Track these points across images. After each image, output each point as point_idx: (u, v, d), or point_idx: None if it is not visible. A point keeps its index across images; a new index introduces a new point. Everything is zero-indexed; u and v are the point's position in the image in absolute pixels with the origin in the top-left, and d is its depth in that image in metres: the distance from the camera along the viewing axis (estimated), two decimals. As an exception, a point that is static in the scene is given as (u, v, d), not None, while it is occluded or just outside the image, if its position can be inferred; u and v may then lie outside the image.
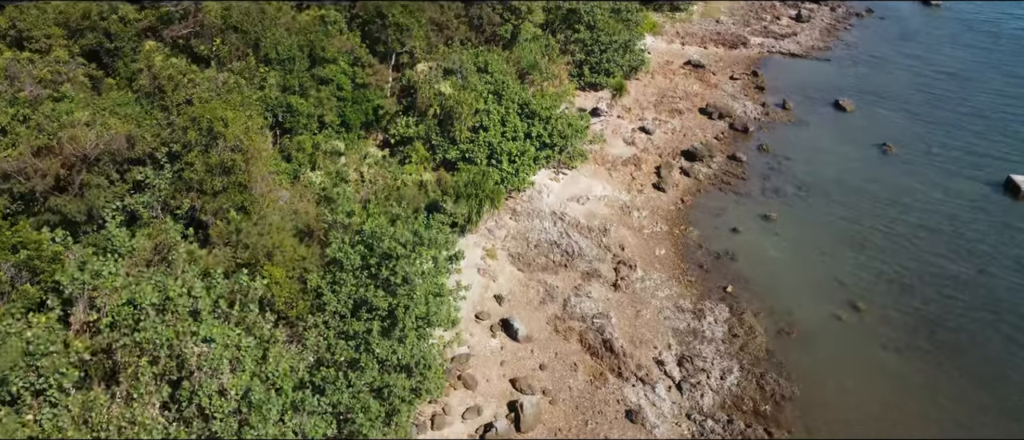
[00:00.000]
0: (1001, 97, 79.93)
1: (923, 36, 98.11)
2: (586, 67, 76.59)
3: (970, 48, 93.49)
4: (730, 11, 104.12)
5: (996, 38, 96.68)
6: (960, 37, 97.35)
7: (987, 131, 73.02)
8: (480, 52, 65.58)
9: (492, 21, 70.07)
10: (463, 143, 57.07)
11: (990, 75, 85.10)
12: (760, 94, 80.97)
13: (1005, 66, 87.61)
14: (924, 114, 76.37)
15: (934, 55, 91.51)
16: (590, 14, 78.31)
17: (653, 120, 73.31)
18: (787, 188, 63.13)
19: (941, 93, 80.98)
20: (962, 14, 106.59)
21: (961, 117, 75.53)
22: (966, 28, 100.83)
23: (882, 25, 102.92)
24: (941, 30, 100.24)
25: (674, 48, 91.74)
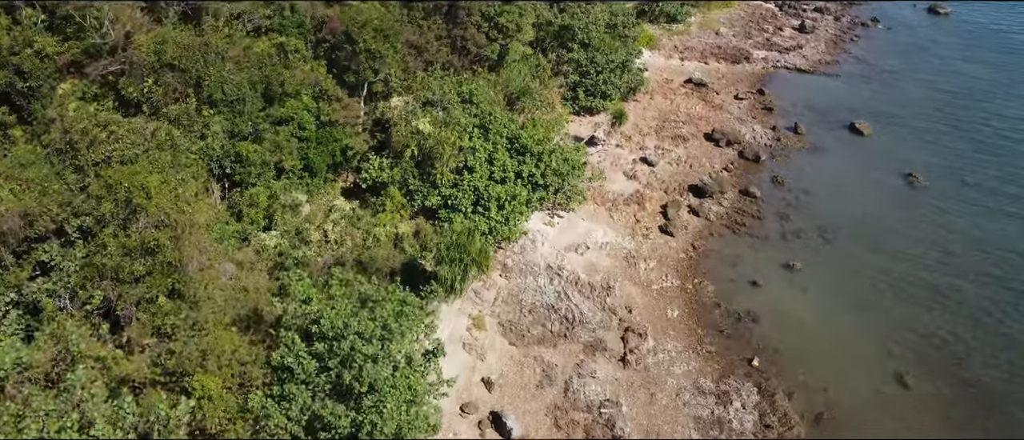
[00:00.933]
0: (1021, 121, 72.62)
1: (934, 48, 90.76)
2: (581, 90, 68.65)
3: (984, 63, 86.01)
4: (729, 22, 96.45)
5: (1010, 51, 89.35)
6: (973, 49, 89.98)
7: (1017, 159, 65.65)
8: (464, 80, 57.48)
9: (477, 42, 61.99)
10: (445, 188, 49.05)
11: (1011, 94, 77.75)
12: (769, 116, 73.31)
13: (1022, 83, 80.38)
14: (947, 139, 68.87)
15: (949, 70, 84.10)
16: (585, 31, 70.37)
17: (655, 149, 65.48)
18: (809, 230, 55.46)
19: (962, 115, 73.47)
20: (971, 23, 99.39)
21: (987, 143, 68.00)
22: (977, 39, 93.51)
23: (890, 36, 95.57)
24: (952, 41, 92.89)
25: (673, 64, 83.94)
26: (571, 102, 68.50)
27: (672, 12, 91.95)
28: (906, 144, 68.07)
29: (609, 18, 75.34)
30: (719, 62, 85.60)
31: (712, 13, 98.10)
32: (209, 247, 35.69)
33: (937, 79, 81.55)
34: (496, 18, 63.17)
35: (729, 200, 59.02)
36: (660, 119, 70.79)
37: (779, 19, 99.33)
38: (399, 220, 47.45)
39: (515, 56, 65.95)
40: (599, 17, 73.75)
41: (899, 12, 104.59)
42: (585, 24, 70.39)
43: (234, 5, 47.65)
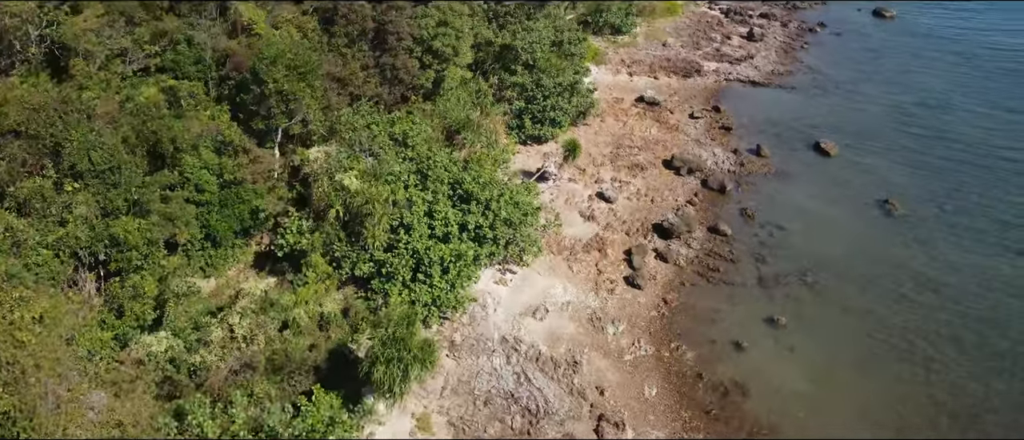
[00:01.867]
0: (989, 132, 67.37)
1: (886, 55, 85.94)
2: (527, 117, 61.07)
3: (937, 72, 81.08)
4: (676, 31, 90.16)
5: (962, 56, 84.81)
6: (925, 56, 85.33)
7: (990, 178, 60.41)
8: (397, 119, 49.31)
9: (409, 70, 53.87)
10: (378, 252, 40.97)
11: (971, 105, 72.65)
12: (728, 136, 67.03)
13: (981, 92, 75.32)
14: (916, 158, 63.36)
15: (904, 79, 79.11)
16: (529, 51, 62.79)
17: (612, 181, 58.35)
18: (789, 274, 49.01)
19: (926, 129, 68.19)
20: (918, 26, 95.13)
21: (957, 163, 62.44)
22: (926, 45, 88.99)
23: (840, 42, 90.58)
24: (902, 47, 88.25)
25: (621, 80, 77.07)
26: (517, 131, 60.91)
27: (617, 23, 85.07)
28: (874, 165, 62.38)
29: (554, 35, 68.02)
30: (670, 76, 79.11)
31: (657, 22, 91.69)
32: (71, 371, 27.00)
33: (894, 90, 76.42)
34: (430, 42, 55.20)
35: (698, 241, 52.26)
36: (614, 145, 63.72)
37: (726, 27, 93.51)
38: (324, 294, 39.15)
39: (453, 83, 58.03)
40: (543, 34, 66.34)
41: (845, 16, 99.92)
42: (529, 43, 62.82)
43: (112, 42, 38.56)
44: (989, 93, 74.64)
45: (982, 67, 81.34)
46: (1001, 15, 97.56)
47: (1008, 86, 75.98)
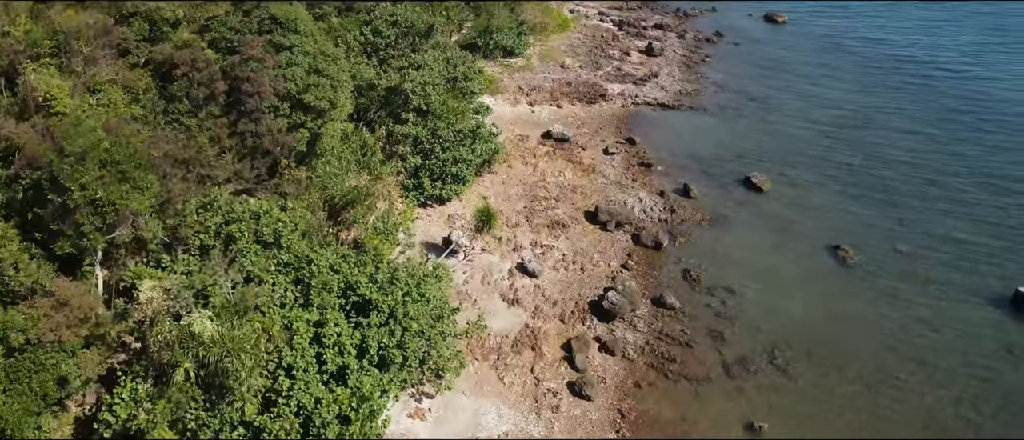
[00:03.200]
0: (913, 154, 61.69)
1: (789, 66, 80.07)
2: (425, 175, 50.06)
3: (845, 81, 75.72)
4: (571, 49, 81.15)
5: (862, 65, 79.99)
6: (827, 65, 80.00)
7: (928, 208, 54.34)
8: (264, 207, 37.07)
9: (276, 136, 41.76)
10: (251, 415, 29.25)
11: (889, 121, 67.04)
12: (649, 175, 58.37)
13: (896, 108, 70.04)
14: (851, 188, 56.57)
15: (815, 93, 73.12)
16: (420, 93, 51.69)
17: (533, 247, 48.35)
18: (755, 357, 40.34)
19: (851, 151, 61.64)
20: (812, 32, 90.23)
21: (892, 191, 56.01)
22: (825, 52, 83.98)
23: (739, 53, 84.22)
24: (803, 56, 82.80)
25: (523, 112, 67.18)
26: (414, 192, 49.80)
27: (509, 44, 75.08)
28: (811, 200, 55.20)
29: (446, 69, 57.25)
30: (573, 103, 69.89)
31: (551, 40, 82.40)
32: None
33: (808, 106, 70.16)
34: (301, 96, 43.30)
35: (644, 320, 43.00)
36: (527, 197, 53.72)
37: (623, 41, 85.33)
38: (176, 487, 27.11)
39: (332, 141, 46.24)
40: (435, 69, 55.51)
41: (737, 23, 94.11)
42: (420, 85, 51.72)
43: None
44: (904, 108, 69.62)
45: (885, 77, 76.68)
46: (887, 18, 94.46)
47: (918, 100, 71.25)
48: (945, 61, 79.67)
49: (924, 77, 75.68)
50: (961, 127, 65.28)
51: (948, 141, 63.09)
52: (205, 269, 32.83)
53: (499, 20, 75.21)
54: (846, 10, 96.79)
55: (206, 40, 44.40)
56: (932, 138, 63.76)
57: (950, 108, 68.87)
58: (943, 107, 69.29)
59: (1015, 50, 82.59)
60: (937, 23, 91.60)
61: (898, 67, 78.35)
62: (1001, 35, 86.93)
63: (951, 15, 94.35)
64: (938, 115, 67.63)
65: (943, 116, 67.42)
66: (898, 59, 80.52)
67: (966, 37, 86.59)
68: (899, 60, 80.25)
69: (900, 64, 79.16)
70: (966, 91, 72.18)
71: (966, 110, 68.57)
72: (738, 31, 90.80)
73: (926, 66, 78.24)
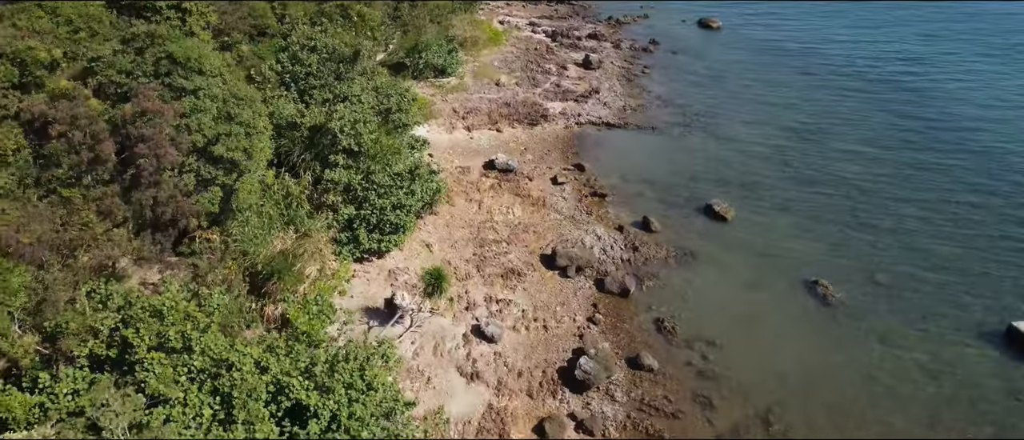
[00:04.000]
0: (875, 175, 57.98)
1: (731, 76, 76.40)
2: (361, 227, 43.47)
3: (791, 92, 72.07)
4: (506, 65, 75.44)
5: (804, 73, 76.65)
6: (770, 76, 76.40)
7: (899, 232, 50.97)
8: (167, 301, 29.77)
9: (182, 204, 34.52)
10: None
11: (842, 136, 63.31)
12: (604, 206, 53.21)
13: (845, 120, 66.49)
14: (817, 213, 52.27)
15: (762, 107, 69.33)
16: (350, 132, 44.89)
17: (488, 305, 42.39)
18: (751, 424, 35.58)
19: (810, 170, 57.76)
20: (748, 39, 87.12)
21: (860, 216, 51.97)
22: (766, 60, 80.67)
23: (678, 63, 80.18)
24: (743, 65, 79.27)
25: (460, 139, 61.11)
26: (349, 246, 43.13)
27: (440, 63, 68.83)
28: (778, 228, 50.94)
29: (376, 101, 50.69)
30: (514, 126, 64.22)
31: (483, 55, 76.52)
32: None
33: (758, 121, 66.38)
34: (210, 149, 36.15)
35: (622, 387, 37.66)
36: (475, 241, 47.76)
37: (558, 54, 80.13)
38: None
39: (250, 197, 39.17)
40: (365, 101, 49.00)
41: (671, 29, 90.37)
42: (349, 122, 44.98)
43: None
44: (853, 120, 66.22)
45: (829, 87, 73.46)
46: (822, 24, 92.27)
47: (866, 112, 68.17)
48: (889, 69, 77.26)
49: (868, 86, 73.01)
50: (916, 140, 62.45)
51: (905, 156, 60.09)
52: (97, 389, 25.72)
53: (428, 37, 68.97)
54: (779, 16, 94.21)
55: (90, 86, 36.75)
56: (888, 152, 60.66)
57: (901, 119, 66.14)
58: (893, 118, 66.50)
59: (958, 54, 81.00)
60: (873, 28, 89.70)
61: (840, 76, 75.52)
62: (940, 40, 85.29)
63: (886, 18, 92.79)
64: (889, 127, 64.71)
65: (895, 128, 64.55)
66: (839, 67, 77.79)
67: (905, 43, 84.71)
68: (840, 68, 77.51)
69: (842, 73, 76.38)
70: (914, 100, 69.72)
71: (917, 120, 65.97)
72: (673, 38, 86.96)
73: (869, 75, 75.66)
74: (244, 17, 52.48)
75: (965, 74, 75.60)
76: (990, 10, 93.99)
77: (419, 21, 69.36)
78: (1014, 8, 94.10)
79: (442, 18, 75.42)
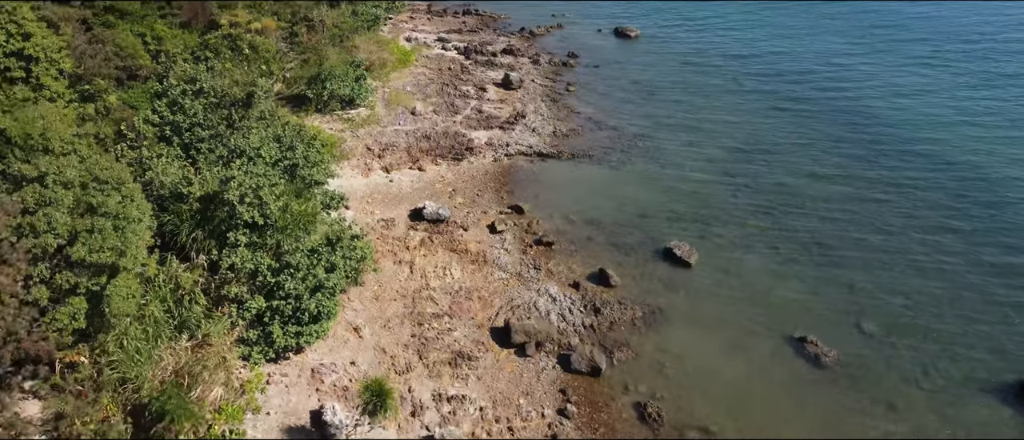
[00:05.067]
0: (826, 191, 54.33)
1: (660, 91, 71.04)
2: (273, 319, 34.71)
3: (724, 107, 67.28)
4: (420, 90, 67.29)
5: (736, 85, 72.56)
6: (700, 91, 71.41)
7: (871, 264, 46.50)
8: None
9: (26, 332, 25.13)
10: None
11: (789, 155, 58.99)
12: (553, 258, 46.20)
13: (784, 133, 62.73)
14: (785, 250, 46.73)
15: (698, 125, 64.00)
16: (252, 201, 35.84)
17: (437, 405, 34.46)
18: (771, 542, 29.76)
19: (766, 201, 52.71)
20: (669, 49, 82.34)
21: (827, 248, 47.09)
22: (691, 72, 76.01)
23: (602, 77, 74.26)
24: (668, 78, 74.18)
25: (379, 183, 52.71)
26: (261, 346, 34.30)
27: (347, 92, 60.00)
28: (746, 271, 45.20)
29: (280, 152, 41.76)
30: (437, 163, 56.33)
31: (393, 79, 68.10)
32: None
33: (697, 143, 60.92)
34: (67, 251, 26.75)
35: (613, 505, 30.83)
36: (412, 318, 39.71)
37: (474, 73, 72.60)
38: None
39: (126, 304, 29.81)
40: (265, 154, 40.13)
41: (588, 40, 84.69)
42: (250, 187, 35.94)
43: None
44: (794, 138, 61.55)
45: (763, 100, 68.97)
46: (742, 30, 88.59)
47: (805, 127, 63.81)
48: (820, 78, 73.76)
49: (802, 96, 69.06)
50: (864, 156, 58.42)
51: (857, 174, 55.89)
52: None
53: (332, 64, 60.01)
54: (696, 24, 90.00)
55: None
56: (839, 172, 56.37)
57: (844, 133, 62.16)
58: (837, 132, 62.46)
59: (884, 60, 78.43)
60: (794, 35, 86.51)
61: (771, 88, 71.41)
62: (864, 46, 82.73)
63: (805, 22, 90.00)
64: (834, 143, 60.59)
65: (841, 144, 60.44)
66: (768, 78, 73.75)
67: (831, 49, 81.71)
68: (769, 79, 73.49)
69: (772, 84, 72.32)
70: (852, 112, 66.06)
71: (861, 134, 62.14)
72: (592, 50, 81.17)
73: (801, 84, 71.85)
74: (108, 58, 42.42)
75: (898, 81, 72.76)
76: (908, 13, 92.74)
77: (321, 47, 60.30)
78: (934, 10, 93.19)
79: (345, 38, 66.57)
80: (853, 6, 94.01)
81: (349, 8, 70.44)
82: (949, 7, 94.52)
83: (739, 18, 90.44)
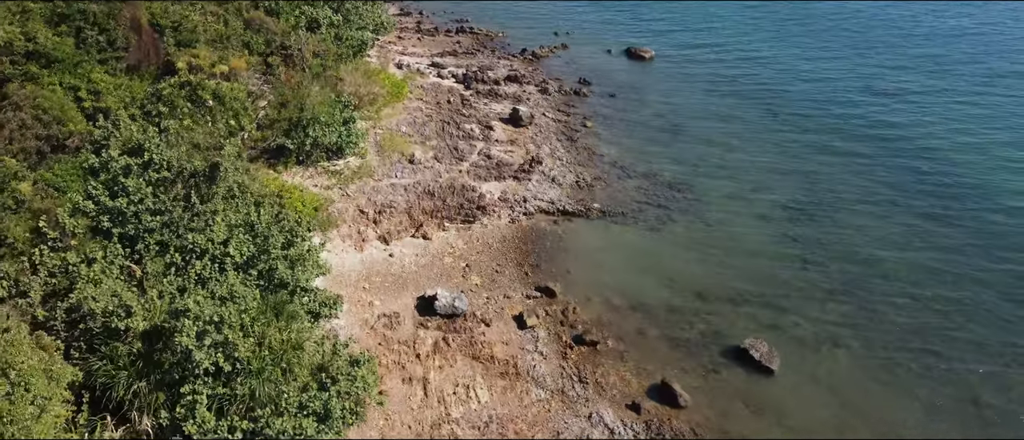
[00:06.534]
0: (917, 253, 45.15)
1: (688, 125, 61.15)
2: (248, 515, 24.55)
3: (765, 144, 57.02)
4: (417, 130, 56.84)
5: (772, 115, 62.93)
6: (732, 120, 61.65)
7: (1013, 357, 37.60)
8: None
9: None
10: None
11: (853, 208, 49.73)
12: (600, 364, 36.18)
13: (840, 178, 53.30)
14: (888, 346, 37.26)
15: (741, 169, 54.04)
16: (215, 337, 25.56)
17: None
18: None
19: (839, 274, 42.94)
20: (689, 73, 72.57)
21: (946, 352, 37.64)
22: (719, 99, 66.23)
23: (620, 108, 64.33)
24: (694, 108, 64.42)
25: (376, 259, 42.34)
26: None
27: (333, 139, 49.42)
28: (848, 386, 35.61)
29: (254, 248, 31.29)
30: (444, 226, 46.17)
31: (385, 118, 57.55)
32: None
33: (744, 193, 51.06)
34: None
35: None
36: (433, 471, 29.69)
37: (476, 106, 62.29)
38: None
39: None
40: (235, 253, 29.73)
41: (598, 62, 74.75)
42: (209, 320, 25.51)
43: None
44: (856, 188, 51.74)
45: (805, 137, 59.04)
46: (766, 45, 79.12)
47: (866, 173, 54.05)
48: (868, 109, 63.77)
49: (852, 135, 59.46)
50: (944, 217, 49.08)
51: (942, 242, 46.51)
52: None
53: (314, 102, 49.40)
54: (714, 41, 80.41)
55: None
56: (920, 238, 46.83)
57: (912, 182, 52.80)
58: (901, 181, 53.02)
59: (935, 81, 68.99)
60: (829, 53, 76.62)
61: (815, 122, 61.66)
62: (916, 66, 72.99)
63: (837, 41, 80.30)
64: (902, 197, 50.99)
65: (909, 197, 50.94)
66: (808, 109, 64.07)
67: (875, 71, 72.01)
68: (809, 111, 63.78)
69: (814, 117, 62.57)
70: (914, 153, 56.67)
71: (931, 184, 52.90)
72: (604, 75, 71.24)
73: (849, 119, 62.10)
74: (25, 126, 31.64)
75: (960, 115, 63.44)
76: (959, 26, 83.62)
77: (301, 85, 49.70)
78: (989, 24, 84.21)
79: (327, 68, 55.90)
80: (891, 22, 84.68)
81: (331, 32, 59.70)
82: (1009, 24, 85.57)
83: (763, 37, 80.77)
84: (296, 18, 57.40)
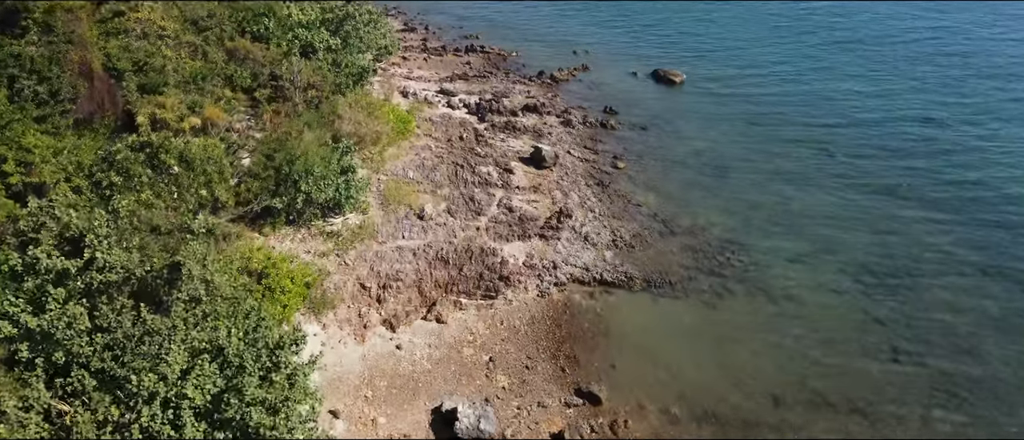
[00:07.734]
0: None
1: (733, 165, 52.93)
2: None
3: (823, 187, 50.06)
4: (426, 176, 48.73)
5: (826, 158, 54.66)
6: (782, 160, 53.59)
7: None
8: None
9: None
10: None
11: (943, 272, 42.11)
12: (661, 502, 28.61)
13: (919, 231, 45.84)
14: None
15: (804, 222, 46.20)
16: None
17: None
18: None
19: (949, 375, 35.32)
20: (723, 98, 64.38)
21: None
22: (763, 133, 57.94)
23: (654, 144, 56.23)
24: (737, 142, 56.29)
25: (380, 353, 34.35)
26: None
27: (328, 196, 41.19)
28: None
29: (222, 384, 23.32)
30: (461, 305, 38.25)
31: (389, 161, 49.43)
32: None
33: (811, 257, 43.20)
34: None
35: None
36: None
37: (492, 143, 54.23)
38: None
39: None
40: (195, 395, 21.70)
41: (624, 88, 66.62)
42: None
43: None
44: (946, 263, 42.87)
45: (869, 180, 51.36)
46: (811, 67, 70.83)
47: (944, 223, 46.42)
48: (936, 150, 54.56)
49: (925, 180, 51.41)
50: (1050, 287, 41.24)
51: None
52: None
53: (305, 145, 41.36)
54: (745, 58, 72.30)
55: None
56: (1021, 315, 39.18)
57: (1007, 243, 44.91)
58: (991, 240, 45.15)
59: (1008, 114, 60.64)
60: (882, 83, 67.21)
61: (877, 167, 53.34)
62: (979, 100, 64.17)
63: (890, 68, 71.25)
64: (994, 265, 43.12)
65: (1003, 266, 43.12)
66: (869, 150, 55.81)
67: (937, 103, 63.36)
68: (871, 152, 55.54)
69: (876, 160, 54.29)
70: (996, 207, 48.69)
71: (1021, 242, 45.04)
72: (631, 103, 63.15)
73: (917, 163, 53.49)
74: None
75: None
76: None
77: (292, 129, 41.69)
78: None
79: (322, 102, 47.83)
80: (951, 51, 75.72)
81: (329, 58, 51.54)
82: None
83: (807, 63, 72.03)
84: (289, 43, 49.29)
